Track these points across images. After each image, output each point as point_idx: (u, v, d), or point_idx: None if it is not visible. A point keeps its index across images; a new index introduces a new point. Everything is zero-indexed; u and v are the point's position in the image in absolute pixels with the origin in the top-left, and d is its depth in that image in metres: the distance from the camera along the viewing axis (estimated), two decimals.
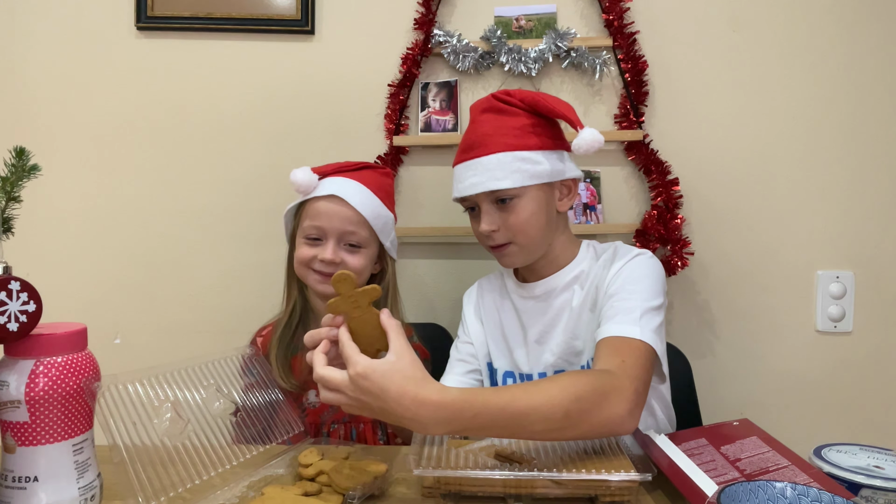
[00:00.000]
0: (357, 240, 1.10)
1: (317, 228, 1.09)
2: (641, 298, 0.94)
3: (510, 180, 0.98)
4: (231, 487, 0.74)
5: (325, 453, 0.82)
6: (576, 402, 0.74)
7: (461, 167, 1.04)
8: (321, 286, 1.09)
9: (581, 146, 0.98)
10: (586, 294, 1.04)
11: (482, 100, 1.06)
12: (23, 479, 0.64)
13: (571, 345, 1.04)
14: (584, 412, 0.75)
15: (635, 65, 1.40)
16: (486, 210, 1.02)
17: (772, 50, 1.41)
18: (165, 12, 1.45)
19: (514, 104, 1.01)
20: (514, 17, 1.44)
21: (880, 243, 1.42)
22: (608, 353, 0.87)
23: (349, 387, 0.69)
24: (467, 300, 1.20)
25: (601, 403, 0.76)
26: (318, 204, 1.09)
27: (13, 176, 0.67)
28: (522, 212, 1.00)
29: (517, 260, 1.05)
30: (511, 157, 0.98)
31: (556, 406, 0.73)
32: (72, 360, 0.67)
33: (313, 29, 1.45)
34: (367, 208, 1.10)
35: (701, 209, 1.43)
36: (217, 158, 1.49)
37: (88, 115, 1.48)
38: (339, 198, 1.08)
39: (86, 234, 1.50)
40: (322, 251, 1.08)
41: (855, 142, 1.41)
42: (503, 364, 1.11)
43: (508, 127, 1.00)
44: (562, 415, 0.73)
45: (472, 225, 1.08)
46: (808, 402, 1.44)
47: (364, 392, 0.69)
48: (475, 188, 1.00)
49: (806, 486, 0.60)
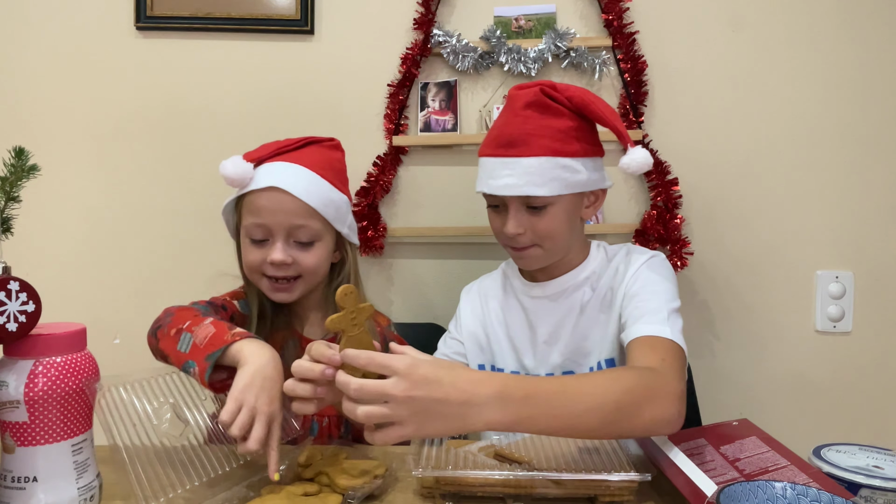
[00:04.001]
0: (308, 234, 0.99)
1: (260, 227, 0.97)
2: (664, 300, 0.94)
3: (548, 188, 0.94)
4: (231, 488, 0.74)
5: (323, 454, 0.82)
6: (626, 393, 0.73)
7: (496, 162, 0.97)
8: (278, 294, 1.00)
9: (630, 166, 0.96)
10: (598, 295, 1.03)
11: (526, 90, 0.98)
12: (22, 479, 0.64)
13: (580, 345, 1.03)
14: (634, 405, 0.73)
15: (635, 65, 1.40)
16: (516, 212, 0.98)
17: (771, 50, 1.41)
18: (165, 12, 1.45)
19: (562, 102, 0.97)
20: (513, 17, 1.44)
21: (880, 243, 1.42)
22: (645, 351, 0.86)
23: (398, 385, 0.63)
24: (466, 298, 1.17)
25: (652, 399, 0.75)
26: (256, 198, 0.97)
27: (12, 176, 0.67)
28: (553, 219, 0.97)
29: (537, 262, 1.03)
30: (552, 164, 0.94)
31: (608, 395, 0.72)
32: (71, 360, 0.67)
33: (313, 29, 1.45)
34: (313, 196, 0.98)
35: (700, 209, 1.44)
36: (217, 158, 1.48)
37: (88, 115, 1.48)
38: (279, 189, 0.96)
39: (85, 234, 1.50)
40: (270, 252, 0.97)
41: (855, 142, 1.41)
42: (509, 364, 1.09)
43: (553, 129, 0.96)
44: (613, 406, 0.71)
45: (493, 221, 1.04)
46: (807, 402, 1.44)
47: (418, 384, 0.63)
48: (510, 190, 0.95)
49: (805, 486, 0.60)
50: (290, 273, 1.00)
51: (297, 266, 0.99)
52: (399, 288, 1.50)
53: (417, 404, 0.64)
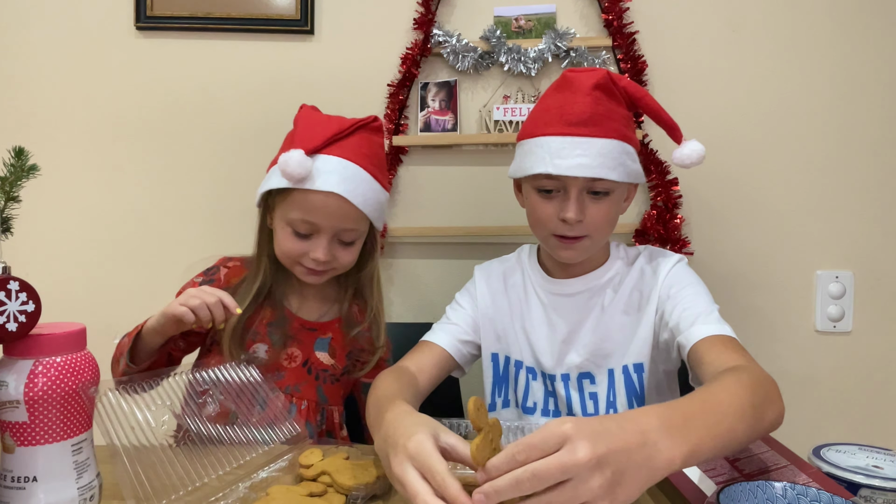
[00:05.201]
0: (353, 236, 1.01)
1: (308, 224, 0.97)
2: (708, 301, 0.93)
3: (617, 173, 0.91)
4: (233, 489, 0.74)
5: (325, 453, 0.82)
6: (753, 393, 0.68)
7: (565, 141, 0.91)
8: (310, 277, 1.02)
9: (691, 157, 0.94)
10: (621, 297, 1.01)
11: (591, 72, 0.94)
12: (22, 479, 0.64)
13: (601, 346, 1.01)
14: (762, 403, 0.69)
15: (634, 65, 1.40)
16: (578, 197, 0.92)
17: (771, 50, 1.41)
18: (165, 12, 1.45)
19: (619, 91, 0.94)
20: (513, 17, 1.44)
21: (880, 243, 1.42)
22: (720, 349, 0.83)
23: (577, 450, 0.51)
24: (482, 277, 1.11)
25: (769, 395, 0.72)
26: (312, 197, 0.95)
27: (12, 176, 0.67)
28: (611, 208, 0.95)
29: (582, 255, 0.99)
30: (621, 149, 0.92)
31: (742, 398, 0.67)
32: (71, 360, 0.67)
33: (313, 29, 1.45)
34: (369, 204, 0.98)
35: (700, 209, 1.44)
36: (216, 158, 1.49)
37: (88, 114, 1.48)
38: (338, 195, 0.94)
39: (85, 234, 1.50)
40: (313, 249, 0.97)
41: (855, 142, 1.41)
42: (526, 359, 1.06)
43: (618, 114, 0.93)
44: (750, 408, 0.66)
45: (542, 208, 0.96)
46: (807, 401, 1.44)
47: (595, 440, 0.51)
48: (583, 170, 0.89)
49: (805, 486, 0.60)
50: (327, 268, 1.02)
51: (335, 262, 1.01)
52: (399, 288, 1.50)
53: (605, 467, 0.51)
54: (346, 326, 1.10)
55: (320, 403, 1.07)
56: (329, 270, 1.03)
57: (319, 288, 1.10)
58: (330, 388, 1.09)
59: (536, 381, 1.06)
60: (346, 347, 1.10)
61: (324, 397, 1.08)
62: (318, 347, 1.08)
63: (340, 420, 1.11)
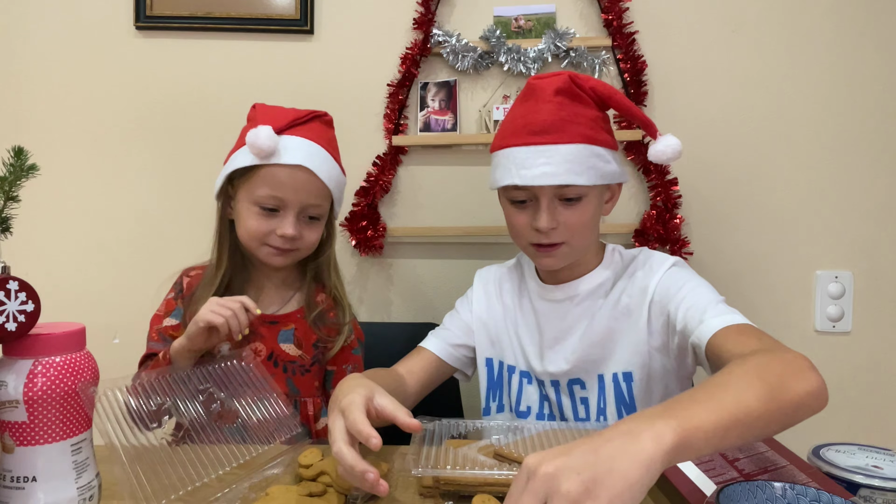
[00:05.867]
0: (317, 212, 1.03)
1: (277, 199, 0.99)
2: (711, 294, 0.91)
3: (586, 177, 0.90)
4: (232, 489, 0.74)
5: (325, 453, 0.82)
6: (762, 370, 0.64)
7: (529, 151, 0.91)
8: (276, 259, 1.03)
9: (666, 153, 0.93)
10: (610, 304, 0.99)
11: (553, 77, 0.94)
12: (21, 479, 0.64)
13: (588, 353, 0.99)
14: (785, 373, 0.65)
15: (634, 65, 1.40)
16: (549, 205, 0.92)
17: (771, 50, 1.41)
18: (164, 12, 1.45)
19: (587, 92, 0.94)
20: (513, 16, 1.44)
21: (879, 243, 1.42)
22: (736, 338, 0.80)
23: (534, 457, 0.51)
24: (480, 283, 1.12)
25: (791, 371, 0.66)
26: (278, 171, 0.99)
27: (11, 175, 0.67)
28: (585, 213, 0.94)
29: (561, 262, 0.98)
30: (588, 152, 0.91)
31: (746, 369, 0.63)
32: (70, 359, 0.67)
33: (312, 29, 1.45)
34: (332, 179, 1.02)
35: (700, 209, 1.44)
36: (216, 158, 1.49)
37: (87, 114, 1.48)
38: (305, 168, 0.99)
39: (85, 234, 1.50)
40: (281, 225, 1.00)
41: (854, 142, 1.41)
42: (520, 363, 1.06)
43: (584, 117, 0.92)
44: (758, 382, 0.62)
45: (517, 218, 0.97)
46: None
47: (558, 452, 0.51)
48: (548, 178, 0.89)
49: (804, 486, 0.60)
50: (294, 246, 1.04)
51: (301, 240, 1.03)
52: (399, 288, 1.50)
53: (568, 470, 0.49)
54: (308, 314, 1.10)
55: (291, 395, 1.07)
56: (294, 251, 1.05)
57: (279, 276, 1.11)
58: (300, 379, 1.08)
59: (532, 384, 1.05)
60: (311, 337, 1.09)
61: (295, 389, 1.07)
62: (283, 339, 1.08)
63: (316, 412, 1.09)
